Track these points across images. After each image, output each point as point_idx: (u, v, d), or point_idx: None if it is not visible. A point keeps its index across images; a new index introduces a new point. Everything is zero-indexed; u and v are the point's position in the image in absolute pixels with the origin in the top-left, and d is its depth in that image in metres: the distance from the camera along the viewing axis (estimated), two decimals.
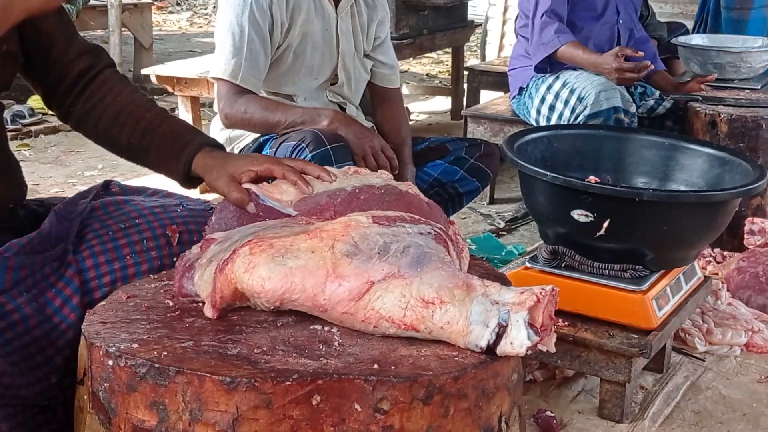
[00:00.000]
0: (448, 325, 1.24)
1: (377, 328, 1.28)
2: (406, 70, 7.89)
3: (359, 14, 2.71)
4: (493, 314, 1.23)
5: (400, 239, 1.33)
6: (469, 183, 2.74)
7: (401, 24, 4.84)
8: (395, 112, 2.80)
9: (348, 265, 1.28)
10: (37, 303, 1.45)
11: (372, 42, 2.76)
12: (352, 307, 1.27)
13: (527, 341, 1.21)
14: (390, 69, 2.82)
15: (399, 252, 1.30)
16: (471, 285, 1.27)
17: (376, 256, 1.29)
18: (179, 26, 11.02)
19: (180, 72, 4.16)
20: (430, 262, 1.30)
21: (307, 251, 1.30)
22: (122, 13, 6.30)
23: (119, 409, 1.23)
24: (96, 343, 1.26)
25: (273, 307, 1.34)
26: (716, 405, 2.30)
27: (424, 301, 1.25)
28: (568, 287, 2.19)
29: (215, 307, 1.34)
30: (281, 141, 2.43)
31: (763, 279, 2.84)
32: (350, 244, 1.31)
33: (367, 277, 1.27)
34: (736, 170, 2.30)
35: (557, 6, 3.48)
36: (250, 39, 2.46)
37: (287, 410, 1.15)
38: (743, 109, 3.38)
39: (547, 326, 1.24)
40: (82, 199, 1.68)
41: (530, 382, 2.35)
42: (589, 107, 3.32)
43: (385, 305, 1.26)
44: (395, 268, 1.28)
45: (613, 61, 3.32)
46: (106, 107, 1.74)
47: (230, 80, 2.48)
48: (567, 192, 2.13)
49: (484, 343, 1.23)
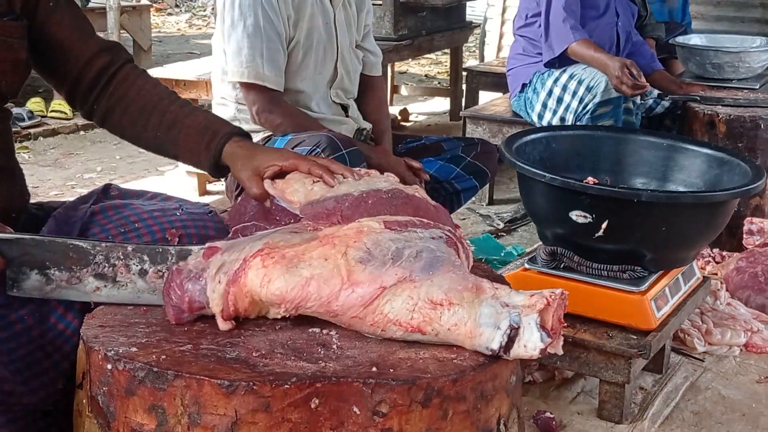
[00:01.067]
0: (456, 327, 1.24)
1: (385, 331, 1.28)
2: (405, 71, 7.89)
3: (350, 4, 2.73)
4: (504, 316, 1.22)
5: (412, 244, 1.33)
6: (466, 181, 2.74)
7: (400, 25, 4.84)
8: (377, 101, 2.83)
9: (362, 272, 1.27)
10: (39, 313, 1.45)
11: (362, 32, 2.78)
12: (361, 312, 1.27)
13: (540, 343, 1.21)
14: (376, 57, 2.85)
15: (412, 257, 1.30)
16: (481, 287, 1.27)
17: (390, 262, 1.29)
18: (178, 28, 11.02)
19: (178, 74, 4.17)
20: (442, 266, 1.30)
21: (320, 259, 1.29)
22: (121, 15, 6.31)
23: (118, 413, 1.23)
24: (94, 347, 1.26)
25: (288, 315, 1.33)
26: (715, 405, 2.30)
27: (432, 303, 1.25)
28: (567, 288, 2.16)
29: (227, 320, 1.32)
30: (295, 144, 2.43)
31: (762, 279, 2.85)
32: (363, 251, 1.30)
33: (380, 283, 1.26)
34: (735, 170, 2.30)
35: (572, 3, 3.53)
36: (267, 37, 2.46)
37: (286, 413, 1.15)
38: (741, 109, 3.38)
39: (557, 330, 1.24)
40: (82, 204, 1.68)
41: (530, 383, 2.35)
42: (599, 95, 3.39)
43: (394, 309, 1.26)
44: (407, 273, 1.27)
45: (620, 68, 3.36)
46: (130, 102, 1.74)
47: (257, 83, 2.48)
48: (565, 193, 2.13)
49: (496, 346, 1.23)
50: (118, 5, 6.24)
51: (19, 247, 1.42)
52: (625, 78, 3.34)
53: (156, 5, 11.12)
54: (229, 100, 2.67)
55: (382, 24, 4.77)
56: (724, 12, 5.99)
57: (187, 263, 1.38)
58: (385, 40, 4.71)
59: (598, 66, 3.47)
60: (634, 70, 3.37)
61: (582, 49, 3.51)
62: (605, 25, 3.72)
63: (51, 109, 5.49)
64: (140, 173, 4.64)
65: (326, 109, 2.64)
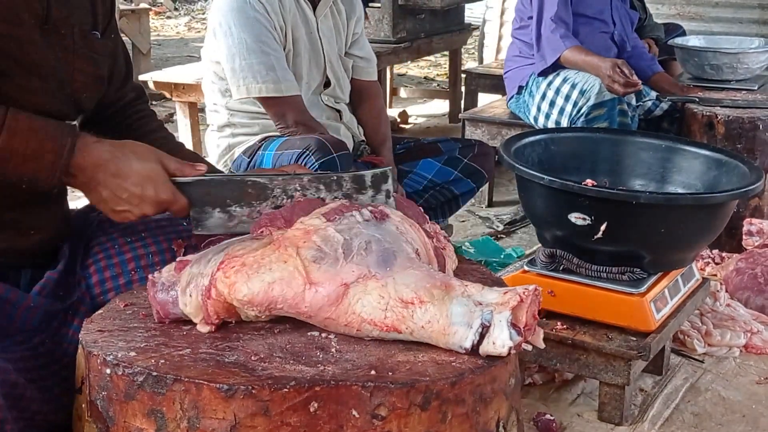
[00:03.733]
0: (429, 324, 1.26)
1: (360, 331, 1.29)
2: (404, 74, 7.89)
3: (339, 12, 2.73)
4: (477, 315, 1.24)
5: (356, 233, 1.34)
6: (464, 184, 2.75)
7: (398, 28, 4.84)
8: (375, 110, 2.82)
9: (318, 271, 1.29)
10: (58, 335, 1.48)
11: (350, 40, 2.78)
12: (333, 313, 1.29)
13: (509, 341, 1.23)
14: (366, 62, 2.84)
15: (362, 249, 1.32)
16: (449, 284, 1.29)
17: (342, 257, 1.30)
18: (177, 31, 11.03)
19: (178, 78, 4.16)
20: (396, 260, 1.31)
21: (279, 262, 1.31)
22: (120, 19, 6.31)
23: (117, 418, 1.23)
24: (93, 352, 1.26)
25: (265, 316, 1.34)
26: (715, 406, 2.30)
27: (403, 302, 1.27)
28: (567, 290, 2.20)
29: (212, 324, 1.34)
30: (286, 148, 2.44)
31: (761, 280, 2.84)
32: (315, 249, 1.32)
33: (340, 280, 1.28)
34: (733, 172, 2.30)
35: (563, 12, 3.53)
36: (273, 48, 2.49)
37: (285, 417, 1.16)
38: (740, 110, 3.38)
39: (531, 325, 1.26)
40: (92, 213, 1.69)
41: (529, 385, 2.35)
42: (593, 97, 3.38)
43: (365, 308, 1.27)
44: (365, 269, 1.29)
45: (611, 67, 3.35)
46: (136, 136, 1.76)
47: (276, 95, 2.50)
48: (564, 195, 2.13)
49: (468, 344, 1.24)
50: (117, 9, 6.25)
51: (201, 188, 1.49)
52: (617, 76, 3.33)
53: (155, 8, 11.14)
54: (220, 106, 2.69)
55: (381, 26, 4.77)
56: (722, 13, 5.99)
57: (161, 275, 1.40)
58: (383, 42, 4.72)
59: (591, 69, 3.47)
60: (625, 69, 3.37)
61: (574, 55, 3.52)
62: (601, 35, 3.73)
63: None
64: None
65: (319, 114, 2.65)
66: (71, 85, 1.56)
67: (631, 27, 3.91)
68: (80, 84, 1.58)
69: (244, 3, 2.47)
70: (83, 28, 1.59)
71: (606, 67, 3.37)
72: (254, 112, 2.64)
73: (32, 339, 1.44)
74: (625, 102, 3.38)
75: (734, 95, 3.65)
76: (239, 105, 2.63)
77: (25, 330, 1.44)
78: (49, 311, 1.48)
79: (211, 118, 2.74)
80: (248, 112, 2.65)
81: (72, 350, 1.45)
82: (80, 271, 1.57)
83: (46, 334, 1.46)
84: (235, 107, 2.65)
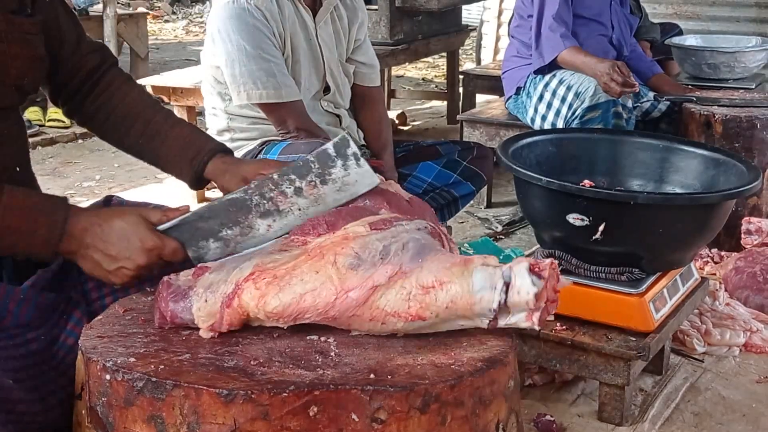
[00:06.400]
0: (453, 303, 1.26)
1: (385, 324, 1.29)
2: (402, 75, 7.90)
3: (340, 18, 2.72)
4: (498, 276, 1.26)
5: (399, 238, 1.34)
6: (463, 187, 2.75)
7: (396, 29, 4.85)
8: (377, 116, 2.82)
9: (354, 277, 1.29)
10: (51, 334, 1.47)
11: (352, 45, 2.78)
12: (358, 311, 1.29)
13: (533, 287, 1.24)
14: (369, 68, 2.83)
15: (400, 251, 1.31)
16: (469, 259, 1.30)
17: (380, 261, 1.30)
18: (175, 35, 11.03)
19: (175, 82, 4.16)
20: (429, 252, 1.32)
21: (311, 272, 1.30)
22: (118, 23, 6.31)
23: (117, 424, 1.23)
24: (93, 358, 1.26)
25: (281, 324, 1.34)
26: (716, 406, 2.30)
27: (424, 288, 1.27)
28: (565, 291, 2.18)
29: (216, 331, 1.34)
30: (290, 152, 2.44)
31: (760, 278, 2.85)
32: (353, 256, 1.31)
33: (372, 283, 1.28)
34: (731, 171, 2.30)
35: (564, 12, 3.53)
36: (272, 54, 2.49)
37: (284, 422, 1.16)
38: (738, 109, 3.38)
39: (554, 298, 1.28)
40: None
41: (529, 386, 2.35)
42: (587, 100, 3.37)
43: (389, 302, 1.28)
44: (397, 267, 1.29)
45: (610, 67, 3.35)
46: (115, 107, 1.78)
47: (276, 101, 2.50)
48: (562, 196, 2.13)
49: (495, 305, 1.25)
50: (115, 13, 6.26)
51: (188, 226, 1.48)
52: (615, 75, 3.32)
53: (152, 12, 11.14)
54: (219, 110, 2.69)
55: (379, 29, 4.78)
56: (718, 12, 5.99)
57: (177, 278, 1.40)
58: (381, 44, 4.72)
59: (589, 70, 3.45)
60: (624, 69, 3.37)
61: (572, 55, 3.51)
62: (599, 38, 3.72)
63: (48, 118, 5.50)
64: (139, 181, 4.64)
65: (319, 119, 2.65)
66: (8, 74, 1.55)
67: (630, 32, 3.90)
68: (17, 71, 1.57)
69: (243, 10, 2.47)
70: (8, 13, 1.56)
71: (605, 67, 3.36)
72: (253, 116, 2.64)
73: (24, 335, 1.42)
74: (620, 104, 3.36)
75: (732, 94, 3.66)
76: (238, 109, 2.63)
77: (17, 325, 1.43)
78: (41, 306, 1.46)
79: (210, 122, 2.75)
80: (247, 116, 2.65)
81: (64, 354, 1.45)
82: (77, 275, 1.56)
83: (40, 332, 1.44)
84: (234, 111, 2.65)
